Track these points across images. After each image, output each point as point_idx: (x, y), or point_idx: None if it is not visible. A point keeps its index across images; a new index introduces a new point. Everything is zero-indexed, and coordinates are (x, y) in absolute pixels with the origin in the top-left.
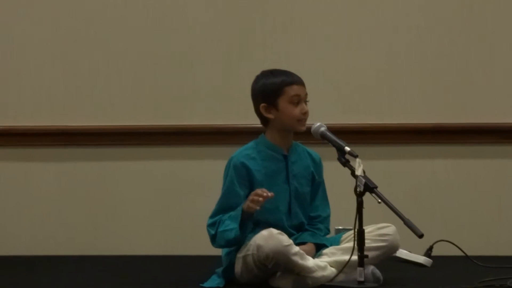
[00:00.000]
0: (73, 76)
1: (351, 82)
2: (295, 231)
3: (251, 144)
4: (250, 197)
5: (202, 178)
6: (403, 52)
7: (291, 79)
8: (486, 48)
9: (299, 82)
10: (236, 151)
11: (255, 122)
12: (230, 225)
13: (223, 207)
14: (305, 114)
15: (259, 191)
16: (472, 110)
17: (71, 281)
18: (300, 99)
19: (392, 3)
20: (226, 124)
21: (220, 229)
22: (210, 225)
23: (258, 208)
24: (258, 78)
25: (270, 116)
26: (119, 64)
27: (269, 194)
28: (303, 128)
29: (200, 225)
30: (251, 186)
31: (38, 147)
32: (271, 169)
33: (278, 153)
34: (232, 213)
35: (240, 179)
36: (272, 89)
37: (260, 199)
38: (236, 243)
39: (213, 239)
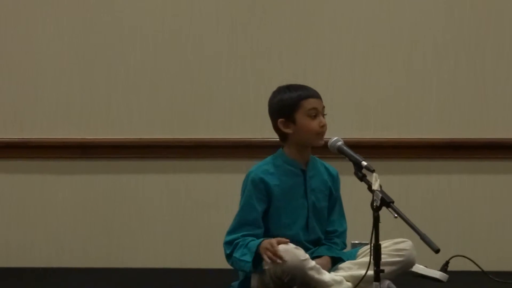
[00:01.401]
0: (90, 89)
1: (368, 97)
2: (312, 246)
3: (269, 159)
4: (266, 249)
5: (219, 191)
6: (420, 67)
7: (307, 93)
8: (504, 64)
9: (316, 95)
10: (254, 166)
11: (272, 136)
12: (246, 257)
13: (241, 223)
14: (323, 127)
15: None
16: (489, 126)
17: None
18: (317, 112)
19: (410, 19)
20: (243, 137)
21: (236, 254)
22: (227, 243)
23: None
24: (275, 94)
25: (288, 130)
26: (136, 77)
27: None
28: (322, 142)
29: (217, 239)
30: (269, 201)
31: (54, 160)
32: (289, 184)
33: (296, 167)
34: (251, 243)
35: (258, 194)
36: (289, 103)
37: (278, 260)
38: (249, 274)
39: (228, 258)
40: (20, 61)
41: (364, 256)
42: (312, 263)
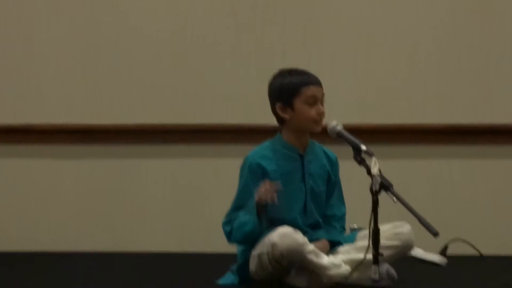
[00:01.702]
0: (91, 75)
1: (368, 82)
2: (310, 230)
3: (267, 143)
4: (261, 189)
5: (220, 176)
6: (420, 52)
7: (308, 79)
8: (503, 49)
9: (316, 82)
10: (252, 151)
11: (272, 121)
12: (246, 218)
13: (238, 207)
14: (321, 115)
15: (268, 186)
16: (488, 111)
17: (87, 277)
18: (316, 100)
19: (411, 5)
20: (244, 122)
21: (236, 224)
22: (226, 223)
23: (269, 199)
24: (276, 77)
25: (285, 116)
26: (137, 63)
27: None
28: (319, 129)
29: (216, 223)
30: None
31: (55, 145)
32: (286, 169)
33: (294, 152)
34: (246, 208)
35: (255, 179)
36: (289, 89)
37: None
38: (253, 237)
39: (229, 236)
40: (22, 47)
41: (363, 240)
42: (311, 246)
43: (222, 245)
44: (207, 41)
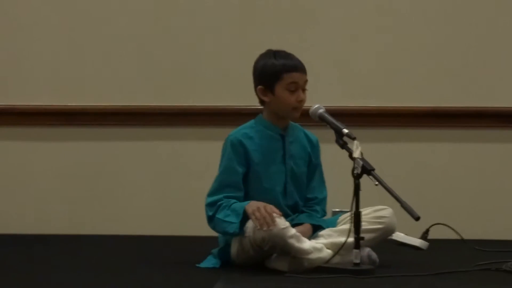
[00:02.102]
0: (74, 56)
1: (351, 65)
2: (291, 211)
3: (249, 123)
4: (258, 215)
5: (202, 159)
6: (403, 35)
7: (291, 64)
8: (488, 32)
9: (300, 68)
10: (234, 130)
11: (256, 103)
12: (231, 217)
13: (222, 185)
14: (301, 102)
15: (268, 210)
16: (472, 94)
17: (70, 260)
18: (297, 87)
19: None
20: (228, 105)
21: (220, 215)
22: (209, 205)
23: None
24: (261, 57)
25: (265, 99)
26: (120, 44)
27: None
28: (297, 116)
29: (198, 206)
30: (248, 164)
31: (38, 127)
32: (268, 149)
33: (275, 132)
34: (235, 205)
35: (238, 156)
36: (271, 73)
37: (271, 227)
38: (232, 237)
39: (210, 220)
40: (4, 27)
41: (345, 223)
42: (292, 231)
43: (204, 229)
44: (190, 23)
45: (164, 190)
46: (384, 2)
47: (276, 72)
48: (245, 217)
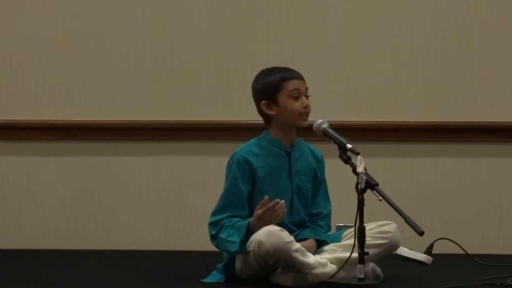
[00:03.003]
0: (76, 71)
1: (354, 80)
2: (296, 228)
3: (253, 140)
4: (261, 212)
5: (205, 174)
6: (406, 50)
7: (289, 74)
8: (490, 47)
9: (298, 76)
10: (239, 147)
11: (259, 118)
12: (234, 237)
13: (226, 204)
14: (307, 107)
15: (270, 206)
16: (474, 109)
17: (72, 275)
18: (300, 93)
19: (397, 4)
20: (230, 120)
21: (222, 235)
22: (212, 224)
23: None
24: (258, 77)
25: (271, 112)
26: (122, 59)
27: (280, 202)
28: (305, 123)
29: (202, 221)
30: (253, 182)
31: (40, 141)
32: (273, 166)
33: (281, 149)
34: (238, 223)
35: (243, 175)
36: (272, 85)
37: (280, 214)
38: (235, 255)
39: (213, 239)
40: (6, 42)
41: (349, 238)
42: (297, 245)
43: (208, 243)
44: (192, 38)
45: (167, 205)
46: (386, 18)
47: (276, 83)
48: (247, 235)
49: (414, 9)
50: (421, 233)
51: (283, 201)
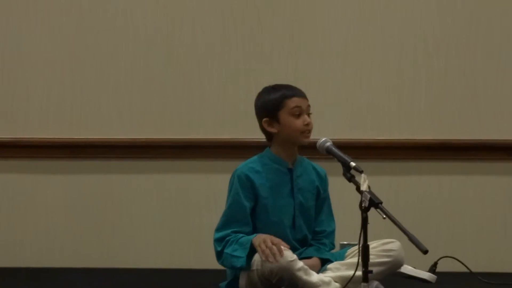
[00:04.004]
0: (81, 89)
1: (358, 98)
2: (299, 245)
3: (255, 157)
4: (264, 247)
5: (210, 192)
6: (411, 68)
7: (291, 92)
8: (493, 65)
9: (300, 94)
10: (241, 164)
11: (263, 136)
12: (238, 252)
13: (229, 220)
14: (308, 125)
15: (275, 241)
16: (478, 127)
17: None
18: (301, 111)
19: (401, 20)
20: (234, 138)
21: (228, 250)
22: (218, 240)
23: (271, 260)
24: (260, 94)
25: (273, 130)
26: (126, 77)
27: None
28: (307, 141)
29: (207, 239)
30: (255, 198)
31: (45, 159)
32: (275, 182)
33: (283, 166)
34: (242, 239)
35: (245, 191)
36: (273, 103)
37: (271, 259)
38: (241, 270)
39: (219, 256)
40: (10, 61)
41: (353, 256)
42: (300, 263)
43: (213, 262)
44: (196, 56)
45: (172, 223)
46: (390, 35)
47: (278, 101)
48: (252, 251)
49: (418, 28)
50: (425, 252)
51: (287, 247)
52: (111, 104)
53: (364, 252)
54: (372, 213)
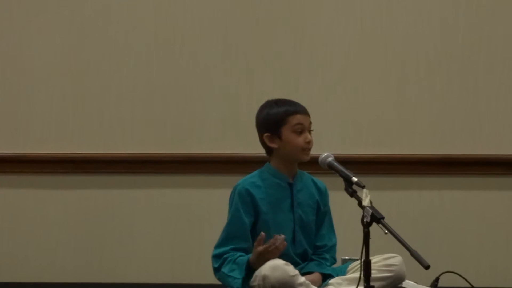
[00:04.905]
0: (82, 104)
1: (360, 113)
2: (300, 259)
3: (255, 172)
4: (261, 250)
5: (210, 206)
6: (412, 83)
7: (294, 108)
8: (495, 80)
9: (303, 111)
10: (241, 179)
11: (264, 151)
12: (235, 273)
13: (229, 236)
14: (309, 143)
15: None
16: (481, 142)
17: None
18: (303, 128)
19: (402, 35)
20: (234, 153)
21: (225, 269)
22: (216, 257)
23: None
24: (262, 108)
25: (273, 145)
26: (128, 93)
27: (280, 237)
28: (307, 158)
29: (208, 254)
30: (256, 213)
31: (46, 175)
32: (275, 197)
33: (283, 180)
34: (240, 258)
35: (245, 207)
36: (276, 118)
37: (278, 247)
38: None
39: (216, 272)
40: (12, 76)
41: (354, 271)
42: (302, 279)
43: (212, 277)
44: (197, 72)
45: (173, 238)
46: (392, 50)
47: (280, 117)
48: (248, 271)
49: (419, 43)
50: (427, 267)
51: (283, 236)
52: (112, 119)
53: (366, 267)
54: (374, 228)
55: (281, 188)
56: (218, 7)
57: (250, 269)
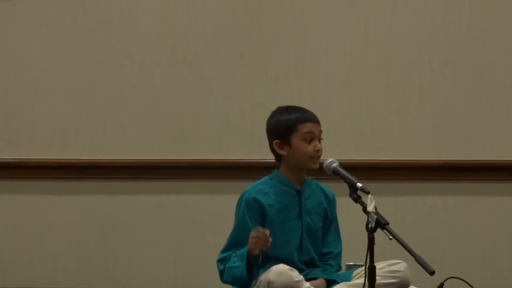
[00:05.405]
0: (86, 110)
1: (364, 119)
2: (306, 267)
3: (264, 179)
4: (251, 240)
5: (215, 213)
6: (415, 90)
7: (305, 116)
8: (498, 86)
9: (314, 119)
10: (249, 186)
11: (269, 157)
12: (237, 263)
13: (234, 243)
14: (318, 151)
15: (260, 233)
16: (484, 147)
17: None
18: (313, 137)
19: (406, 41)
20: (239, 158)
21: (228, 265)
22: (220, 260)
23: (259, 251)
24: (273, 114)
25: (283, 152)
26: (132, 98)
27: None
28: (316, 166)
29: (212, 260)
30: (263, 220)
31: (50, 180)
32: (284, 204)
33: (291, 188)
34: (239, 251)
35: (252, 214)
36: (286, 126)
37: (262, 242)
38: (243, 281)
39: (222, 275)
40: (16, 81)
41: (359, 277)
42: (306, 284)
43: (217, 282)
44: (202, 78)
45: (177, 244)
46: (395, 56)
47: (290, 124)
48: (251, 267)
49: (422, 49)
50: (432, 273)
51: (267, 231)
52: (116, 125)
53: (371, 273)
54: (379, 233)
55: (290, 195)
56: (221, 16)
57: (250, 258)
